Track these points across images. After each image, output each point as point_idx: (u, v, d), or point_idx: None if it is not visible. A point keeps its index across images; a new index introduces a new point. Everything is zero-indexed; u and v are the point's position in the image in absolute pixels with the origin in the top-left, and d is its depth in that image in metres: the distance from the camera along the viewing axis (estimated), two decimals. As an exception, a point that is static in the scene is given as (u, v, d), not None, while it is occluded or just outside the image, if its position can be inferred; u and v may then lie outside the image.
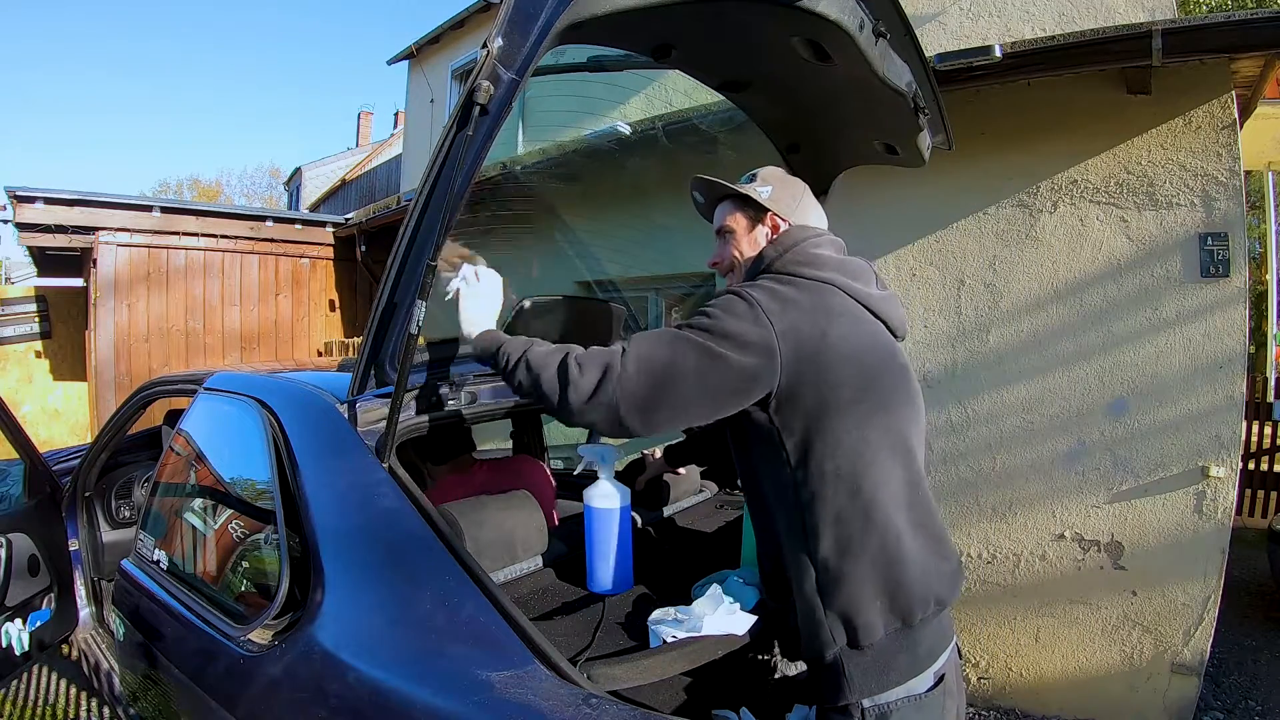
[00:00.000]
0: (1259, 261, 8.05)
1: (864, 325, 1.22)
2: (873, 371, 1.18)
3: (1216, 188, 2.81)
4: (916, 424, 1.25)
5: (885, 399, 1.18)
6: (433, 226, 1.13)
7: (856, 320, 1.21)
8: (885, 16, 1.39)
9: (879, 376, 1.19)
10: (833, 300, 1.21)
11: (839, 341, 1.15)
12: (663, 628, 1.18)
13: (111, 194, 6.09)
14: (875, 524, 1.12)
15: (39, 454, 2.34)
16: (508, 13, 1.03)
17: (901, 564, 1.12)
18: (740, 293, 1.17)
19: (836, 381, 1.13)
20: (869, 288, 1.28)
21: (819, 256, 1.26)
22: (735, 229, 1.38)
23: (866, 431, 1.14)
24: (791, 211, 1.35)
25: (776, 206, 1.34)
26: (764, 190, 1.36)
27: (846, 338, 1.16)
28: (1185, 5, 8.84)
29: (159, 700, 1.60)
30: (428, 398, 1.51)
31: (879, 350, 1.22)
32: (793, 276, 1.23)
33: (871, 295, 1.27)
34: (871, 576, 1.11)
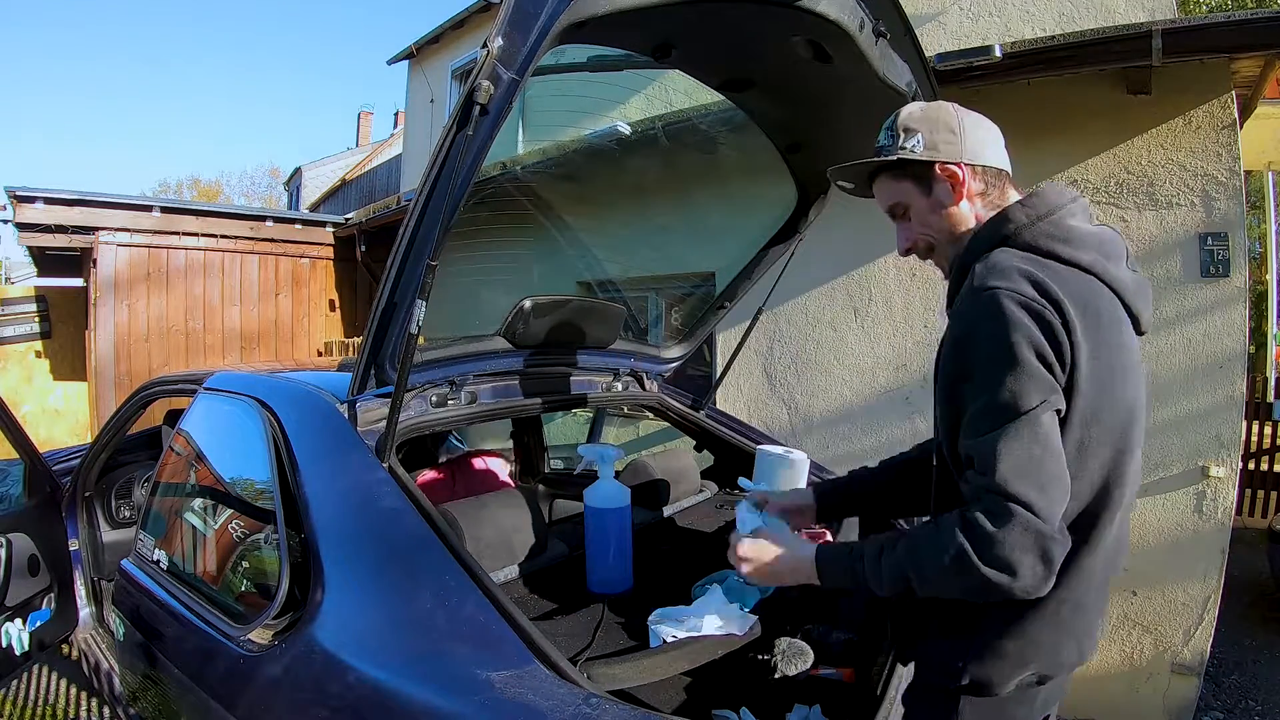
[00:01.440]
0: (1259, 261, 8.04)
1: (1123, 330, 0.99)
2: (1125, 394, 0.96)
3: (1216, 188, 2.81)
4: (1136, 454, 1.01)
5: (1126, 433, 0.97)
6: (433, 226, 1.13)
7: (1117, 323, 0.98)
8: (885, 16, 1.39)
9: (1129, 400, 0.97)
10: (1096, 291, 0.97)
11: (1107, 349, 0.94)
12: (663, 628, 1.18)
13: (111, 194, 6.09)
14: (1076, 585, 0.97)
15: (39, 454, 2.33)
16: (508, 13, 1.03)
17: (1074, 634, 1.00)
18: (1001, 298, 0.92)
19: (1091, 407, 0.93)
20: (1122, 270, 1.02)
21: (1075, 231, 1.00)
22: (908, 202, 1.13)
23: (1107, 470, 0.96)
24: (960, 149, 1.08)
25: (939, 154, 1.08)
26: (914, 143, 1.09)
27: (1108, 345, 0.95)
28: (1185, 5, 8.84)
29: (159, 700, 1.60)
30: (428, 398, 1.51)
31: (1132, 366, 0.99)
32: (1054, 256, 0.98)
33: (1126, 283, 1.01)
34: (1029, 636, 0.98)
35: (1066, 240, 1.00)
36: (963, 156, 1.09)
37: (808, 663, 1.73)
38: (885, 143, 1.14)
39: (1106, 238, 1.04)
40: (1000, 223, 1.05)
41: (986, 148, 1.11)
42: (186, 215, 6.41)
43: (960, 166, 1.09)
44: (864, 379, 3.68)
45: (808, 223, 2.13)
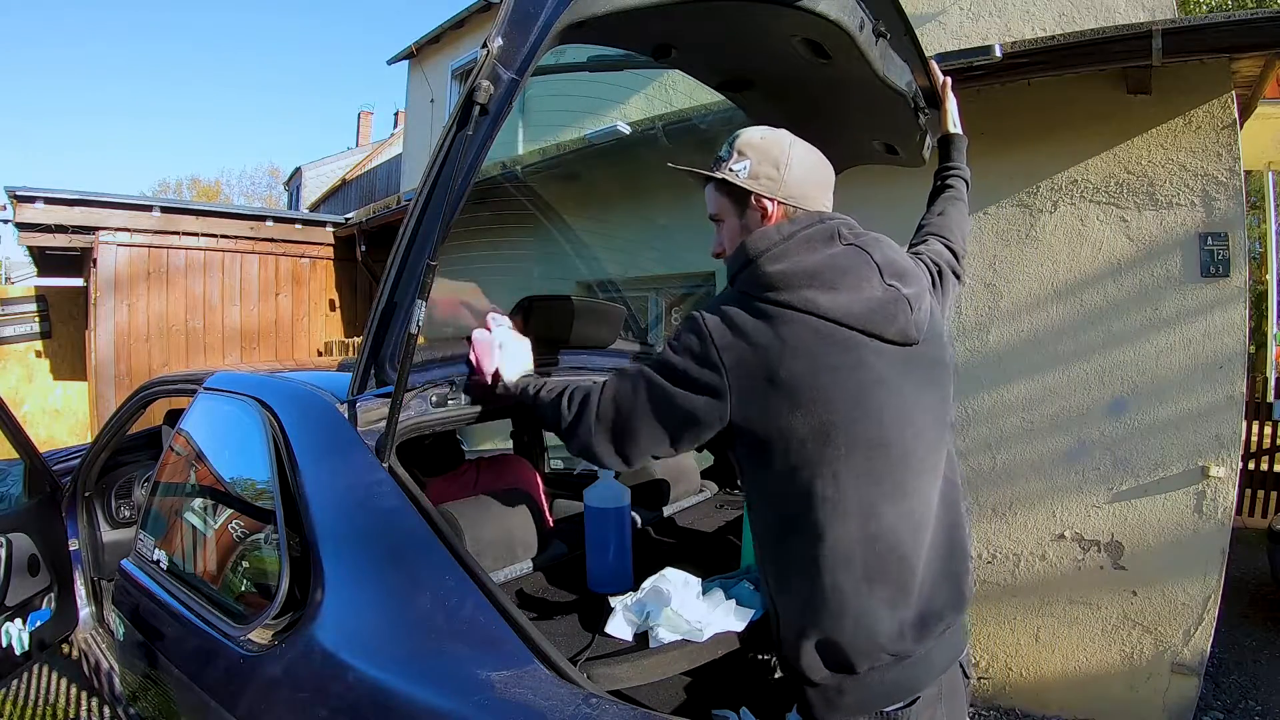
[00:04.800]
0: (1259, 261, 8.05)
1: (842, 356, 1.07)
2: (846, 413, 1.05)
3: (1216, 188, 2.81)
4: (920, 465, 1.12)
5: (854, 441, 1.06)
6: (433, 226, 1.13)
7: (833, 351, 1.07)
8: (885, 16, 1.39)
9: (858, 418, 1.06)
10: (793, 330, 1.07)
11: (791, 381, 1.05)
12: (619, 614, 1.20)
13: (111, 194, 6.08)
14: (817, 578, 1.07)
15: (39, 454, 2.34)
16: (508, 13, 1.03)
17: (841, 618, 1.06)
18: (698, 320, 1.12)
19: (786, 426, 1.05)
20: (857, 294, 1.10)
21: (780, 275, 1.09)
22: (723, 216, 1.25)
23: (821, 480, 1.05)
24: (779, 185, 1.16)
25: (759, 185, 1.17)
26: (740, 168, 1.19)
27: (802, 376, 1.05)
28: (1185, 5, 8.84)
29: (159, 700, 1.60)
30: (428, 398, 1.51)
31: (863, 385, 1.08)
32: (752, 298, 1.11)
33: (853, 310, 1.08)
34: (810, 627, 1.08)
35: (769, 285, 1.10)
36: (778, 193, 1.17)
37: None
38: (723, 156, 1.23)
39: (835, 266, 1.10)
40: (731, 267, 1.19)
41: (808, 193, 1.19)
42: (186, 215, 6.41)
43: (773, 202, 1.18)
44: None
45: (808, 223, 2.13)
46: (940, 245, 1.44)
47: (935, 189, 1.63)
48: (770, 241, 1.13)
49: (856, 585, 1.06)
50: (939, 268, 1.36)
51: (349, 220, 6.99)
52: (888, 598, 1.08)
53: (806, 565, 1.07)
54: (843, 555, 1.06)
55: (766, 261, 1.11)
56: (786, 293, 1.09)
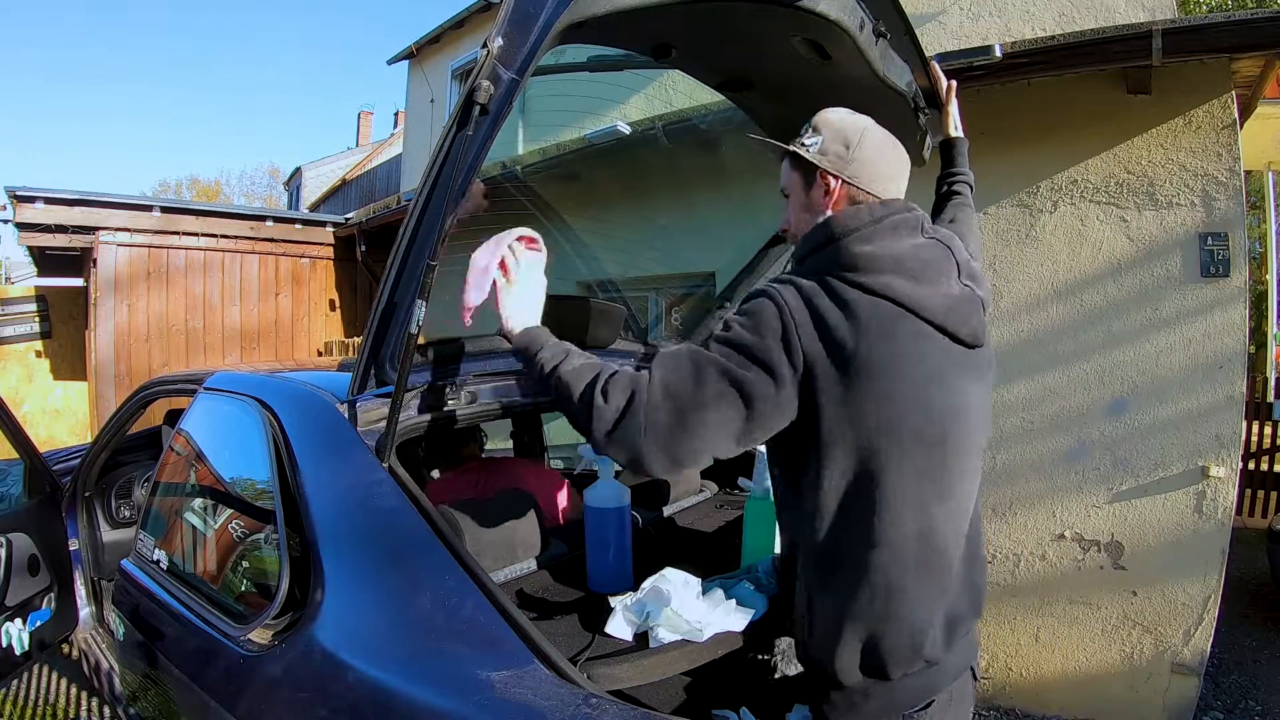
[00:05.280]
0: (1259, 261, 8.05)
1: (913, 347, 1.04)
2: (910, 407, 1.03)
3: (1216, 188, 2.81)
4: (963, 466, 1.10)
5: (918, 436, 1.03)
6: (433, 226, 1.13)
7: (906, 340, 1.04)
8: (885, 16, 1.39)
9: (920, 413, 1.03)
10: (875, 315, 1.02)
11: (869, 369, 1.01)
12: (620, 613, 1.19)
13: (111, 194, 6.09)
14: (868, 576, 1.04)
15: (39, 454, 2.34)
16: (508, 12, 1.03)
17: (889, 620, 1.04)
18: (773, 295, 1.05)
19: (856, 414, 1.01)
20: (936, 288, 1.07)
21: (867, 257, 1.05)
22: (790, 191, 1.22)
23: (884, 473, 1.03)
24: (846, 164, 1.14)
25: (826, 161, 1.14)
26: (812, 142, 1.16)
27: (879, 365, 1.01)
28: (1185, 5, 8.84)
29: (159, 700, 1.60)
30: (428, 398, 1.51)
31: (928, 380, 1.05)
32: (832, 279, 1.06)
33: (931, 304, 1.06)
34: (852, 627, 1.05)
35: (852, 267, 1.05)
36: (844, 171, 1.14)
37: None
38: (801, 131, 1.20)
39: (920, 256, 1.08)
40: (806, 245, 1.13)
41: (877, 177, 1.15)
42: (187, 215, 6.41)
43: (837, 180, 1.14)
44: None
45: (808, 223, 2.13)
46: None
47: (941, 195, 1.62)
48: (860, 222, 1.08)
49: (907, 586, 1.04)
50: None
51: (349, 220, 7.00)
52: (933, 600, 1.06)
53: (857, 562, 1.04)
54: (898, 553, 1.03)
55: (855, 242, 1.06)
56: (870, 276, 1.04)
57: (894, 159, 1.18)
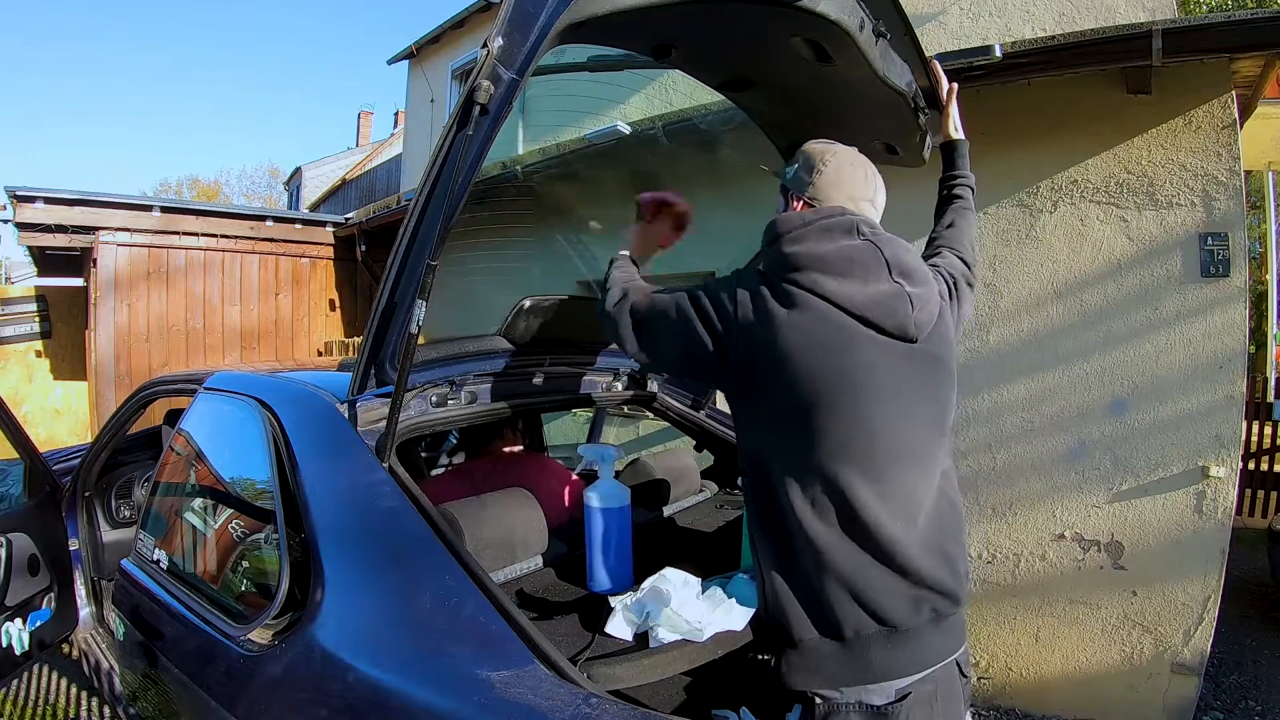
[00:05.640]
0: (1259, 261, 8.05)
1: (836, 337, 1.15)
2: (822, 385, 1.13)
3: (1216, 188, 2.81)
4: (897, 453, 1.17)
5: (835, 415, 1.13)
6: (433, 226, 1.13)
7: (821, 330, 1.15)
8: (885, 16, 1.39)
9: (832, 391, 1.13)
10: (798, 308, 1.16)
11: (787, 351, 1.14)
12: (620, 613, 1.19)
13: (112, 194, 6.09)
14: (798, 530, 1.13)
15: (39, 454, 2.34)
16: (508, 12, 1.03)
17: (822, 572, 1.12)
18: (731, 281, 1.24)
19: (776, 389, 1.15)
20: (862, 285, 1.17)
21: (795, 256, 1.19)
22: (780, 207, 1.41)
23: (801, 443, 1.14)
24: (805, 186, 1.30)
25: (797, 185, 1.32)
26: (789, 170, 1.36)
27: (796, 348, 1.14)
28: (1185, 5, 8.84)
29: (159, 700, 1.60)
30: (428, 398, 1.51)
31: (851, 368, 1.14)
32: (769, 275, 1.22)
33: (855, 299, 1.16)
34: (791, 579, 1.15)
35: (784, 266, 1.20)
36: (804, 193, 1.30)
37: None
38: (788, 163, 1.39)
39: (845, 256, 1.19)
40: (763, 244, 1.29)
41: (836, 198, 1.29)
42: (187, 215, 6.41)
43: (800, 201, 1.31)
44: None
45: (808, 223, 2.13)
46: (953, 258, 1.49)
47: (942, 198, 1.65)
48: (792, 225, 1.23)
49: (835, 542, 1.12)
50: (954, 279, 1.41)
51: (349, 220, 7.00)
52: (870, 563, 1.12)
53: (785, 517, 1.15)
54: (819, 511, 1.13)
55: (786, 243, 1.22)
56: (798, 274, 1.18)
57: (857, 180, 1.31)
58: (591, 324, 1.94)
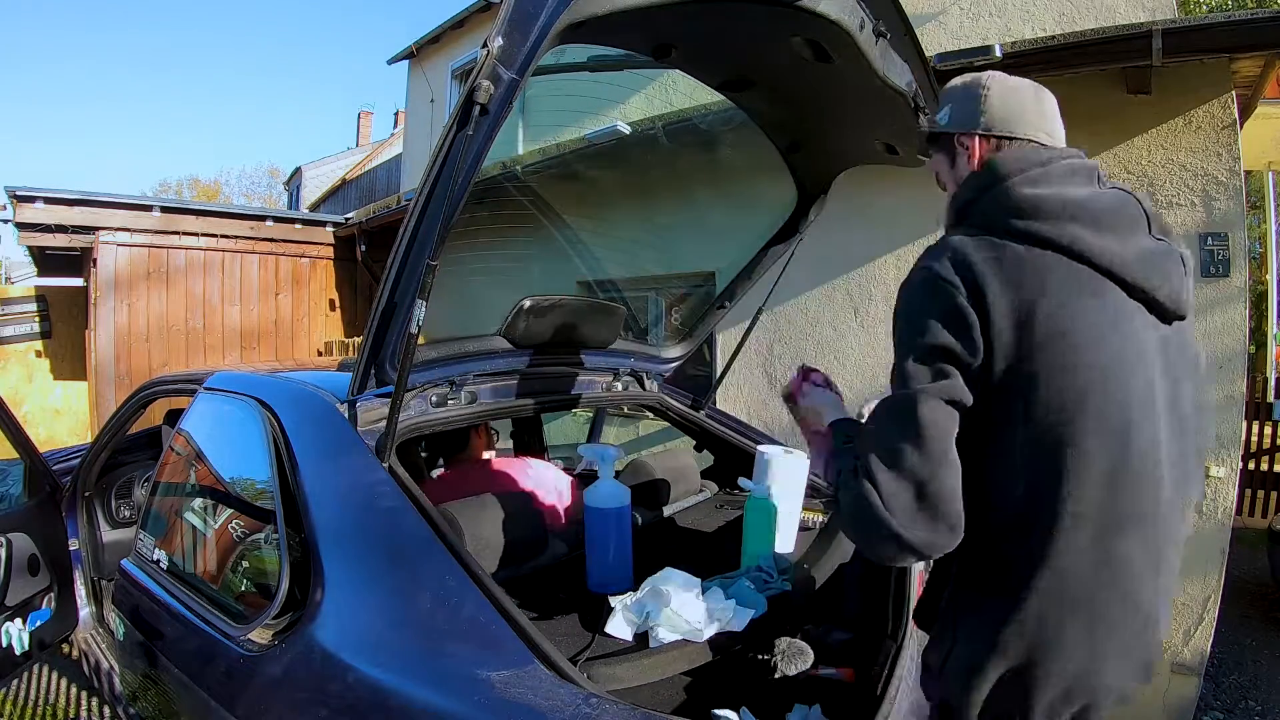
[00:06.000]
0: (1259, 261, 8.04)
1: (1098, 310, 0.88)
2: (1093, 386, 0.86)
3: (1216, 188, 2.81)
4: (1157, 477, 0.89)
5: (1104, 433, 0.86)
6: (433, 226, 1.13)
7: (1089, 301, 0.87)
8: (885, 16, 1.39)
9: (1102, 395, 0.86)
10: (1053, 271, 0.87)
11: (1049, 339, 0.86)
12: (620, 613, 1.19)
13: (111, 194, 6.09)
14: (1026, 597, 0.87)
15: (39, 453, 2.33)
16: (508, 12, 1.03)
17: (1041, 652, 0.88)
18: (926, 269, 0.91)
19: (1031, 393, 0.86)
20: (1124, 241, 0.90)
21: (1039, 200, 0.90)
22: (941, 176, 1.11)
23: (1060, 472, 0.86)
24: (977, 117, 1.00)
25: (961, 123, 1.02)
26: (942, 115, 1.06)
27: (1063, 334, 0.86)
28: (1185, 5, 8.84)
29: (159, 700, 1.60)
30: (428, 398, 1.51)
31: (1118, 352, 0.88)
32: (998, 233, 0.91)
33: (1123, 256, 0.89)
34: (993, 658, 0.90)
35: (1019, 212, 0.90)
36: (978, 126, 1.01)
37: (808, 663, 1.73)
38: (935, 113, 1.10)
39: (1100, 204, 0.91)
40: (962, 197, 0.99)
41: (1018, 121, 1.01)
42: (187, 215, 6.41)
43: (973, 136, 1.02)
44: (864, 379, 3.68)
45: (808, 222, 2.13)
46: None
47: None
48: (1027, 162, 0.94)
49: (1075, 620, 0.87)
50: None
51: (349, 220, 7.00)
52: (1101, 644, 0.88)
53: (1014, 580, 0.88)
54: (1068, 573, 0.86)
55: (1022, 183, 0.92)
56: (1045, 223, 0.89)
57: (1031, 94, 1.04)
58: (591, 324, 1.95)
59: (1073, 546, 0.86)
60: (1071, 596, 0.87)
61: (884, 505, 0.85)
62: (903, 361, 0.91)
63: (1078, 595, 0.87)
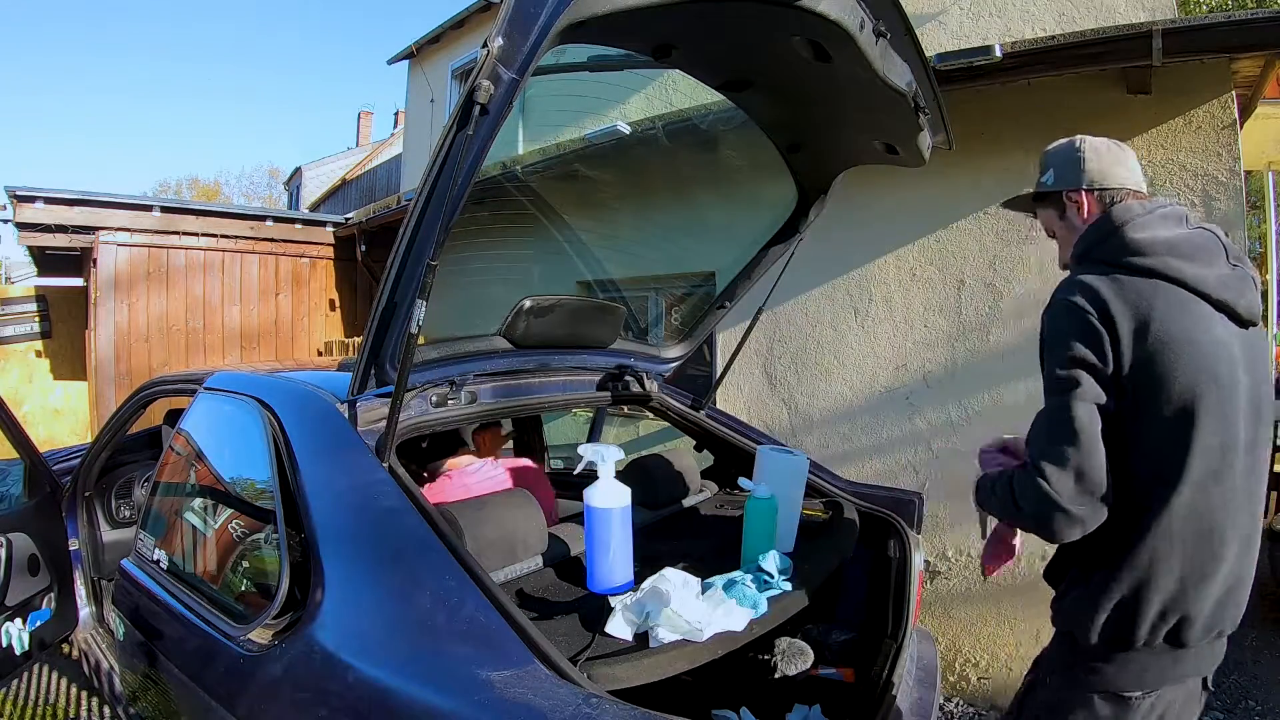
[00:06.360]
0: (1259, 261, 8.03)
1: (1196, 321, 1.14)
2: (1195, 374, 1.11)
3: (1216, 188, 2.81)
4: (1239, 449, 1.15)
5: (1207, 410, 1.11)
6: (433, 226, 1.13)
7: (1190, 315, 1.14)
8: (885, 16, 1.39)
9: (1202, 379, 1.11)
10: (1162, 295, 1.14)
11: (1165, 349, 1.11)
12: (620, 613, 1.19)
13: (111, 194, 6.09)
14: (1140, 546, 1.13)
15: (39, 453, 2.33)
16: (508, 12, 1.03)
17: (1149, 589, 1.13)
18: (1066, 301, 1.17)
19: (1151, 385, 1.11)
20: (1209, 269, 1.18)
21: (1148, 242, 1.17)
22: (1052, 228, 1.38)
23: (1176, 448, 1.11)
24: (1079, 177, 1.29)
25: (1066, 183, 1.31)
26: (1046, 179, 1.35)
27: (1173, 342, 1.11)
28: (1185, 5, 8.84)
29: (159, 700, 1.60)
30: (428, 398, 1.51)
31: (1205, 351, 1.13)
32: (1116, 267, 1.18)
33: (1207, 279, 1.16)
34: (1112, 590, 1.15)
35: (1133, 251, 1.18)
36: (1082, 183, 1.29)
37: (808, 663, 1.73)
38: (1040, 176, 1.37)
39: (1190, 242, 1.19)
40: (1080, 243, 1.27)
41: (1110, 170, 1.29)
42: (187, 215, 6.41)
43: (1081, 193, 1.29)
44: (864, 379, 3.68)
45: (808, 222, 2.13)
46: None
47: None
48: (1134, 213, 1.21)
49: (1173, 558, 1.12)
50: None
51: (349, 220, 7.00)
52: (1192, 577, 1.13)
53: (1132, 534, 1.14)
54: (1172, 528, 1.12)
55: (1133, 229, 1.19)
56: (1152, 259, 1.16)
57: (1113, 149, 1.31)
58: (591, 324, 1.95)
59: (1179, 505, 1.12)
60: (1171, 540, 1.12)
61: (1054, 490, 1.10)
62: (1052, 372, 1.16)
63: (1174, 539, 1.12)
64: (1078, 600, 1.20)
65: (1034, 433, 1.17)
